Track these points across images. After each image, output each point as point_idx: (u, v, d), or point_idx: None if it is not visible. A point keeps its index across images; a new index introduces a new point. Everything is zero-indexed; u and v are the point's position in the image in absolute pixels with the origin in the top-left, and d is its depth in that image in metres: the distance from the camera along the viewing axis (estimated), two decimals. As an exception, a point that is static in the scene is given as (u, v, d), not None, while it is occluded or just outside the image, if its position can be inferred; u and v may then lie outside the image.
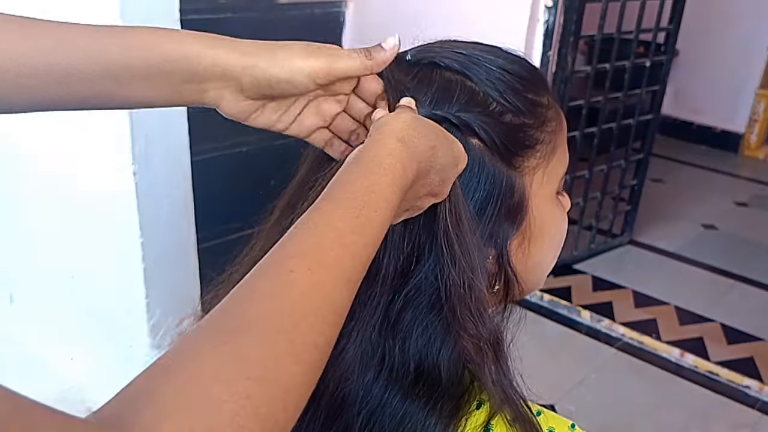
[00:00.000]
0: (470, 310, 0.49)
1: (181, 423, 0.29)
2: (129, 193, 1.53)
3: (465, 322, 0.49)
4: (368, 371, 0.50)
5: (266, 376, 0.32)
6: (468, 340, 0.50)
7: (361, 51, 0.50)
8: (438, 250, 0.49)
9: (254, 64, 0.48)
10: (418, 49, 0.56)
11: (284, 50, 0.49)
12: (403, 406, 0.50)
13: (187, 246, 1.69)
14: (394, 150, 0.44)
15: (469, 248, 0.49)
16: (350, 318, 0.48)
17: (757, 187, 4.10)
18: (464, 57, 0.54)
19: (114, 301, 1.74)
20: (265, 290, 0.36)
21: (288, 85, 0.49)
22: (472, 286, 0.49)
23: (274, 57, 0.48)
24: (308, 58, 0.48)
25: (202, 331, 0.34)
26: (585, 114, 2.64)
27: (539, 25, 2.20)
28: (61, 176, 1.74)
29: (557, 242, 0.59)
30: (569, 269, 2.90)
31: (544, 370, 2.21)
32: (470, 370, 0.53)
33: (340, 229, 0.39)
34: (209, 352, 0.32)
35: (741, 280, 2.95)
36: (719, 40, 4.39)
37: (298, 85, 0.49)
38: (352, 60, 0.49)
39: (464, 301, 0.49)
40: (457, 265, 0.49)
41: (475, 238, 0.50)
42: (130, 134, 1.47)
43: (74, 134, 1.63)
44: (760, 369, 2.35)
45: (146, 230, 1.56)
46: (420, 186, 0.46)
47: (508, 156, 0.52)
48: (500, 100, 0.53)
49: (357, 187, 0.41)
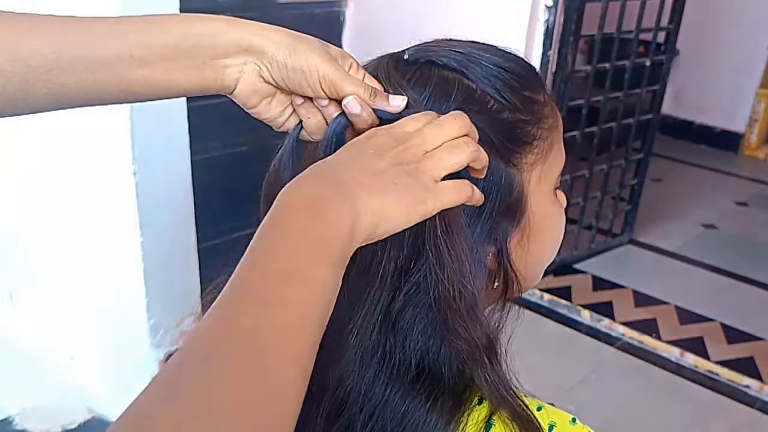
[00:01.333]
0: (461, 316, 0.49)
1: None
2: (129, 192, 1.53)
3: (456, 327, 0.49)
4: (369, 369, 0.50)
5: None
6: (461, 344, 0.50)
7: (369, 88, 0.50)
8: (428, 256, 0.49)
9: (278, 47, 0.50)
10: (415, 48, 0.56)
11: (305, 44, 0.50)
12: (405, 404, 0.50)
13: (187, 246, 1.69)
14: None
15: (459, 255, 0.49)
16: (350, 316, 0.49)
17: (757, 187, 4.10)
18: (461, 55, 0.54)
19: (114, 301, 1.74)
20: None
21: (302, 77, 0.50)
22: (462, 292, 0.49)
23: (295, 47, 0.50)
24: (324, 61, 0.50)
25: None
26: (585, 113, 2.64)
27: (539, 25, 2.20)
28: (62, 176, 1.74)
29: (556, 238, 0.59)
30: (569, 269, 2.90)
31: (544, 370, 2.21)
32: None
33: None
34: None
35: (741, 280, 2.96)
36: (719, 40, 4.39)
37: (311, 80, 0.50)
38: (359, 89, 0.50)
39: (454, 307, 0.49)
40: (446, 272, 0.49)
41: (468, 243, 0.50)
42: (130, 134, 1.47)
43: (74, 134, 1.63)
44: (760, 368, 2.35)
45: (146, 230, 1.56)
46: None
47: (506, 153, 0.53)
48: (497, 97, 0.53)
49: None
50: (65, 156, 1.70)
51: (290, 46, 0.50)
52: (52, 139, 1.70)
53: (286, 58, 0.49)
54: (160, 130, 1.53)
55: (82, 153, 1.64)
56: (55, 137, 1.69)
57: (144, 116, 1.48)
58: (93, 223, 1.71)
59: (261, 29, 0.50)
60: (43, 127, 1.69)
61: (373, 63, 0.56)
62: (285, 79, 0.50)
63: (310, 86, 0.50)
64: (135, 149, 1.49)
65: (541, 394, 0.54)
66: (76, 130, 1.62)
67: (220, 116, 1.58)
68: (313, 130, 0.53)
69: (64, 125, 1.63)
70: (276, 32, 0.50)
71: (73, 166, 1.69)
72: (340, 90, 0.50)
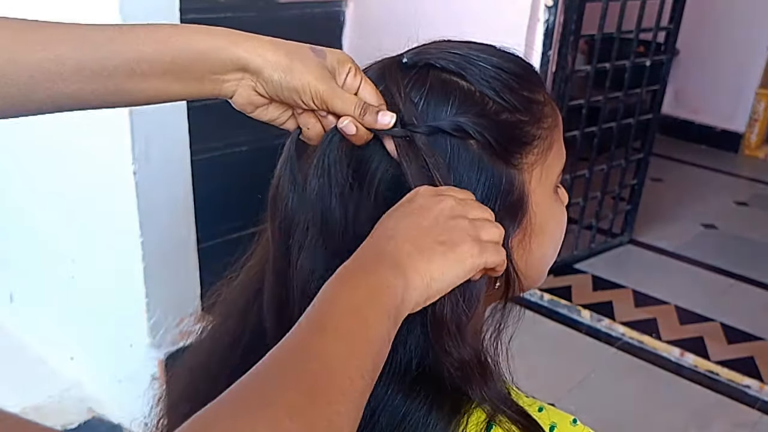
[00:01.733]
0: (450, 336, 0.50)
1: None
2: (129, 192, 1.53)
3: (446, 346, 0.50)
4: None
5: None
6: (451, 362, 0.50)
7: (361, 104, 0.52)
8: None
9: (273, 68, 0.51)
10: (413, 51, 0.57)
11: (300, 63, 0.52)
12: (405, 405, 0.50)
13: (187, 245, 1.69)
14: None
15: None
16: None
17: (757, 187, 4.10)
18: (460, 57, 0.54)
19: (114, 300, 1.74)
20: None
21: (296, 95, 0.52)
22: (452, 312, 0.50)
23: (291, 68, 0.51)
24: (318, 79, 0.52)
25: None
26: (585, 113, 2.64)
27: (539, 25, 2.20)
28: (62, 175, 1.74)
29: (557, 237, 0.59)
30: (569, 269, 2.90)
31: (544, 370, 2.21)
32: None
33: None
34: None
35: (741, 280, 2.95)
36: (719, 40, 4.39)
37: (305, 98, 0.52)
38: (348, 108, 0.52)
39: (444, 327, 0.50)
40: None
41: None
42: (130, 134, 1.47)
43: (74, 134, 1.63)
44: (760, 368, 2.35)
45: (146, 230, 1.56)
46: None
47: (506, 154, 0.53)
48: (496, 98, 0.53)
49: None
50: (65, 155, 1.70)
51: (286, 67, 0.51)
52: (52, 138, 1.70)
53: (281, 78, 0.52)
54: (161, 129, 1.53)
55: (82, 152, 1.64)
56: (55, 137, 1.68)
57: (144, 116, 1.48)
58: (93, 223, 1.71)
59: (259, 47, 0.52)
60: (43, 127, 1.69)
61: (378, 66, 0.57)
62: (279, 95, 0.53)
63: (304, 102, 0.52)
64: (135, 149, 1.49)
65: (541, 394, 0.54)
66: (77, 130, 1.61)
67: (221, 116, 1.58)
68: (311, 137, 0.55)
69: (63, 125, 1.63)
70: (273, 51, 0.52)
71: (73, 165, 1.69)
72: (331, 107, 0.52)
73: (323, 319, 0.42)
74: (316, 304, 0.43)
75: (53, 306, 1.96)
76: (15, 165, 1.88)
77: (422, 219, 0.47)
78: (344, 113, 0.52)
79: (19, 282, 2.07)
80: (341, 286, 0.44)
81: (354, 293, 0.43)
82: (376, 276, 0.44)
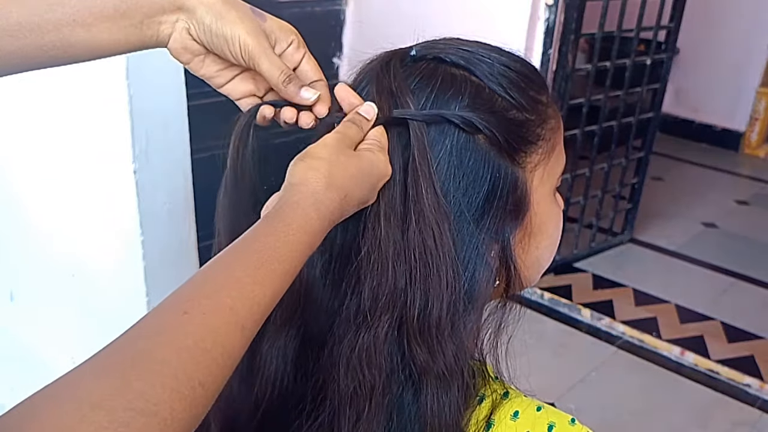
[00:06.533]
0: (425, 341, 0.50)
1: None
2: (129, 191, 1.53)
3: (415, 352, 0.50)
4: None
5: (147, 408, 0.32)
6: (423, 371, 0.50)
7: (288, 72, 0.52)
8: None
9: (206, 10, 0.51)
10: (422, 45, 0.57)
11: (234, 12, 0.51)
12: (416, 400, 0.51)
13: (188, 244, 1.69)
14: (306, 220, 0.45)
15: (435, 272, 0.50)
16: (355, 315, 0.50)
17: (757, 186, 4.10)
18: (469, 53, 0.55)
19: (114, 300, 1.74)
20: (156, 327, 0.37)
21: (224, 44, 0.52)
22: (430, 314, 0.50)
23: (222, 14, 0.51)
24: (249, 33, 0.51)
25: (92, 363, 0.36)
26: (586, 112, 2.64)
27: (540, 23, 2.20)
28: (61, 174, 1.74)
29: (555, 239, 0.60)
30: (570, 267, 2.90)
31: (545, 369, 2.21)
32: (471, 367, 0.53)
33: (239, 279, 0.40)
34: (94, 381, 0.33)
35: (741, 279, 2.95)
36: (720, 38, 4.39)
37: (233, 48, 0.52)
38: (274, 70, 0.52)
39: (418, 329, 0.50)
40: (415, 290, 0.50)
41: (450, 259, 0.50)
42: (131, 132, 1.47)
43: (74, 132, 1.63)
44: (761, 367, 2.35)
45: (147, 229, 1.56)
46: (341, 217, 0.48)
47: (512, 152, 0.53)
48: (504, 95, 0.54)
49: (262, 243, 0.42)
50: (65, 154, 1.70)
51: (218, 11, 0.51)
52: (51, 137, 1.70)
53: (211, 22, 0.51)
54: (161, 128, 1.53)
55: (81, 151, 1.64)
56: (54, 135, 1.68)
57: (144, 115, 1.48)
58: (93, 222, 1.71)
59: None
60: (43, 125, 1.69)
61: (379, 58, 0.57)
62: (209, 42, 0.52)
63: (232, 54, 0.52)
64: (135, 148, 1.49)
65: (541, 393, 0.54)
66: (76, 129, 1.61)
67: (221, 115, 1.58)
68: (244, 107, 0.56)
69: (63, 123, 1.63)
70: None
71: (73, 164, 1.69)
72: (257, 65, 0.52)
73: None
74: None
75: (54, 305, 1.96)
76: (15, 165, 1.88)
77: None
78: (269, 75, 0.52)
79: (19, 280, 2.07)
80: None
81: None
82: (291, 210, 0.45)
